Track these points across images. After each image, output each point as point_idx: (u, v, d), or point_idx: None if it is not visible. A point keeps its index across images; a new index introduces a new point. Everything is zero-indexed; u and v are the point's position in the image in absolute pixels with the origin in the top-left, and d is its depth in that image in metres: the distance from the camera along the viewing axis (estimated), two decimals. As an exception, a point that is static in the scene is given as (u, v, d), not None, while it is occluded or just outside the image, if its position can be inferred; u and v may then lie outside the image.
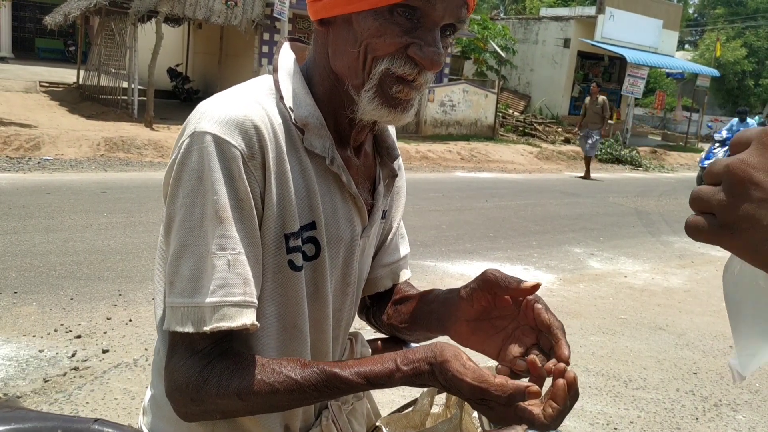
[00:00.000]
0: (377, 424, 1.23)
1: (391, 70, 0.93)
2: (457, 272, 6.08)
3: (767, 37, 34.55)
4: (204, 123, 0.91)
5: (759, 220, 0.54)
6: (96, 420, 1.00)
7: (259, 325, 0.92)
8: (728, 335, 5.13)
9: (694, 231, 0.59)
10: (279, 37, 13.15)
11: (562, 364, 0.89)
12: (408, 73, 0.93)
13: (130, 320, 4.28)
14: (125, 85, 14.61)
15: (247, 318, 0.89)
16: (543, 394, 0.87)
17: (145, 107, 13.28)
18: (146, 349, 3.86)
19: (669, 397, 3.93)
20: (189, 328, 0.88)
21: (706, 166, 12.93)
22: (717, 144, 13.51)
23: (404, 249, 1.29)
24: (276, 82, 1.01)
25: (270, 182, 0.94)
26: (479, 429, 1.17)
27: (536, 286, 0.97)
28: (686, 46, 41.86)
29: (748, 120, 13.92)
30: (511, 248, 7.23)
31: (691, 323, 5.35)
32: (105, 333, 4.06)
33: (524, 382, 0.85)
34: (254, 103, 0.95)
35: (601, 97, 14.18)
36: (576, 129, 15.02)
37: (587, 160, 14.49)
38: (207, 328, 0.87)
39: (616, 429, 3.46)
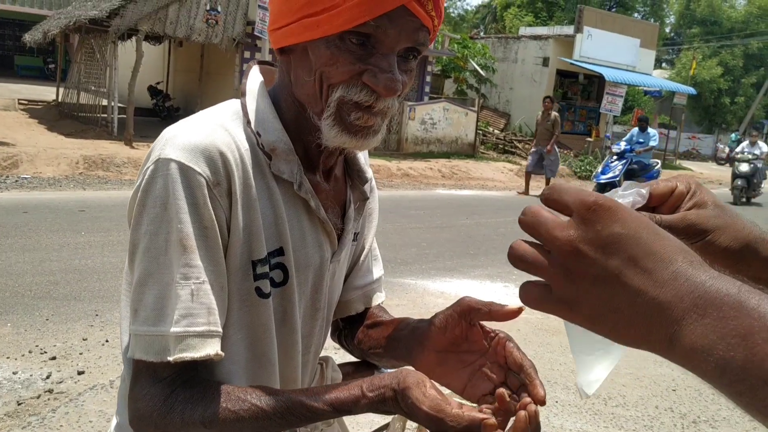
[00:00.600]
0: None
1: (347, 97, 0.93)
2: (437, 290, 6.08)
3: (742, 56, 35.16)
4: (169, 150, 0.90)
5: (597, 297, 0.53)
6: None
7: (223, 354, 0.91)
8: (706, 351, 5.16)
9: (529, 300, 0.58)
10: (259, 55, 13.15)
11: (527, 399, 0.88)
12: (364, 100, 0.93)
13: (107, 341, 4.22)
14: (105, 102, 14.51)
15: (211, 348, 0.89)
16: (507, 429, 0.86)
17: (125, 125, 13.19)
18: (123, 371, 3.80)
19: (648, 415, 3.94)
20: (153, 357, 0.87)
21: (602, 181, 12.81)
22: (615, 157, 13.13)
23: (377, 271, 1.28)
24: (243, 107, 1.01)
25: (236, 209, 0.93)
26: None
27: (520, 310, 0.93)
28: (663, 64, 42.48)
29: (649, 130, 13.58)
30: (491, 265, 7.24)
31: (669, 339, 5.37)
32: (81, 354, 4.01)
33: (482, 414, 0.84)
34: (220, 129, 0.95)
35: (554, 114, 13.74)
36: (532, 148, 14.47)
37: (527, 176, 14.06)
38: (171, 359, 0.87)
39: (595, 447, 3.46)
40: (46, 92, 19.08)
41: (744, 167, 16.08)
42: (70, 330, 4.36)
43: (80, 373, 3.74)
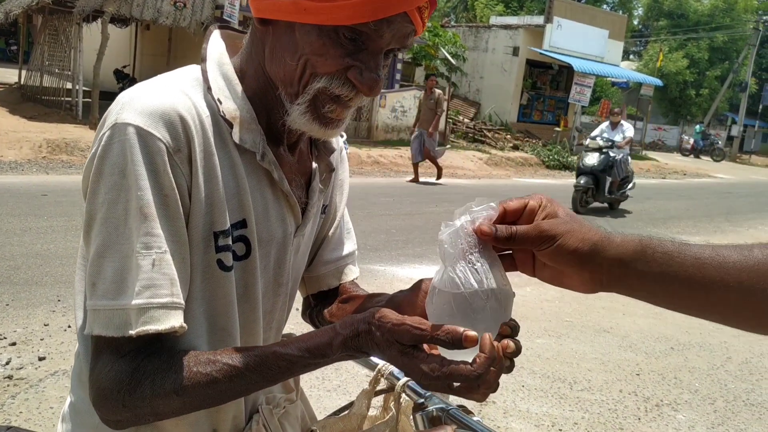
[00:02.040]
0: (312, 428, 1.20)
1: (328, 89, 0.91)
2: (406, 276, 6.08)
3: (708, 49, 35.77)
4: (126, 114, 0.86)
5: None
6: (8, 428, 0.94)
7: (186, 327, 0.88)
8: (669, 336, 5.26)
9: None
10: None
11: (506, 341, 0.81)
12: (345, 95, 0.92)
13: (69, 326, 4.14)
14: (69, 86, 14.20)
15: (175, 320, 0.86)
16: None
17: (89, 109, 12.94)
18: (85, 356, 3.74)
19: (612, 398, 4.00)
20: (114, 332, 0.84)
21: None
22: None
23: (350, 245, 1.26)
24: (204, 73, 0.97)
25: (197, 177, 0.90)
26: (414, 430, 1.15)
27: None
28: (631, 56, 43.02)
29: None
30: (460, 252, 7.26)
31: (634, 325, 5.47)
32: (42, 340, 3.92)
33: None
34: (180, 94, 0.91)
35: (437, 91, 12.66)
36: (412, 128, 13.23)
37: (415, 167, 12.79)
38: (133, 332, 0.83)
39: (560, 430, 3.50)
40: (8, 74, 18.64)
41: (591, 159, 10.97)
42: (31, 315, 4.27)
43: (41, 359, 3.66)
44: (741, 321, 0.77)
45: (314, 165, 1.10)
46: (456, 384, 0.77)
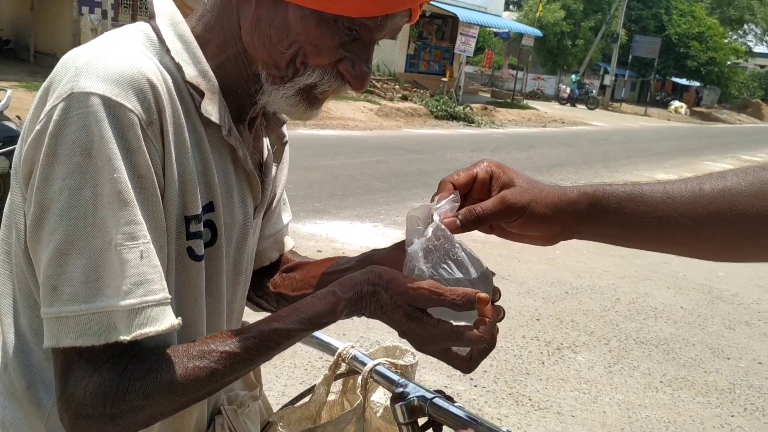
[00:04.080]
0: (270, 420, 1.13)
1: (319, 86, 0.85)
2: (307, 232, 6.01)
3: (583, 1, 37.09)
4: (85, 81, 0.72)
5: None
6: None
7: (181, 323, 0.77)
8: (563, 281, 5.52)
9: None
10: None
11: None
12: (333, 89, 0.86)
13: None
14: None
15: (171, 317, 0.75)
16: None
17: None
18: None
19: (517, 344, 4.16)
20: (93, 340, 0.70)
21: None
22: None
23: (287, 216, 1.18)
24: (157, 31, 0.83)
25: (170, 154, 0.78)
26: (379, 414, 1.11)
27: None
28: (511, 6, 43.97)
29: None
30: (359, 206, 7.26)
31: (529, 272, 5.69)
32: None
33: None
34: (143, 56, 0.78)
35: None
36: None
37: None
38: (126, 337, 0.71)
39: (471, 379, 3.60)
40: None
41: None
42: None
43: None
44: (698, 252, 0.83)
45: (265, 139, 1.01)
46: (459, 349, 0.80)
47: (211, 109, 0.84)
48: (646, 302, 5.30)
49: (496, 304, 0.82)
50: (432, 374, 3.58)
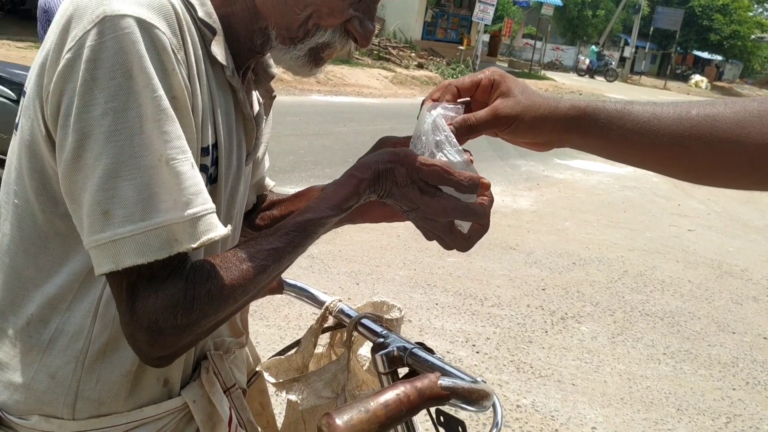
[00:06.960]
0: (257, 369, 1.15)
1: (330, 45, 0.89)
2: (317, 198, 6.01)
3: (604, -30, 36.40)
4: (118, 3, 0.71)
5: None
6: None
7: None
8: (571, 252, 5.51)
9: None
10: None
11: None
12: (341, 48, 0.90)
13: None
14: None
15: (223, 225, 0.78)
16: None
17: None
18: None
19: (521, 313, 4.17)
20: (155, 255, 0.71)
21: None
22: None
23: (267, 161, 1.23)
24: None
25: (194, 81, 0.79)
26: (365, 367, 1.13)
27: None
28: (532, -26, 43.24)
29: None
30: (369, 173, 7.25)
31: (538, 242, 5.68)
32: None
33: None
34: None
35: None
36: None
37: None
38: (193, 245, 0.73)
39: (474, 345, 3.63)
40: None
41: None
42: None
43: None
44: (676, 172, 0.87)
45: (255, 93, 1.02)
46: (461, 225, 0.86)
47: (217, 50, 0.85)
48: (653, 275, 5.28)
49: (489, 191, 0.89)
50: (434, 340, 3.61)
